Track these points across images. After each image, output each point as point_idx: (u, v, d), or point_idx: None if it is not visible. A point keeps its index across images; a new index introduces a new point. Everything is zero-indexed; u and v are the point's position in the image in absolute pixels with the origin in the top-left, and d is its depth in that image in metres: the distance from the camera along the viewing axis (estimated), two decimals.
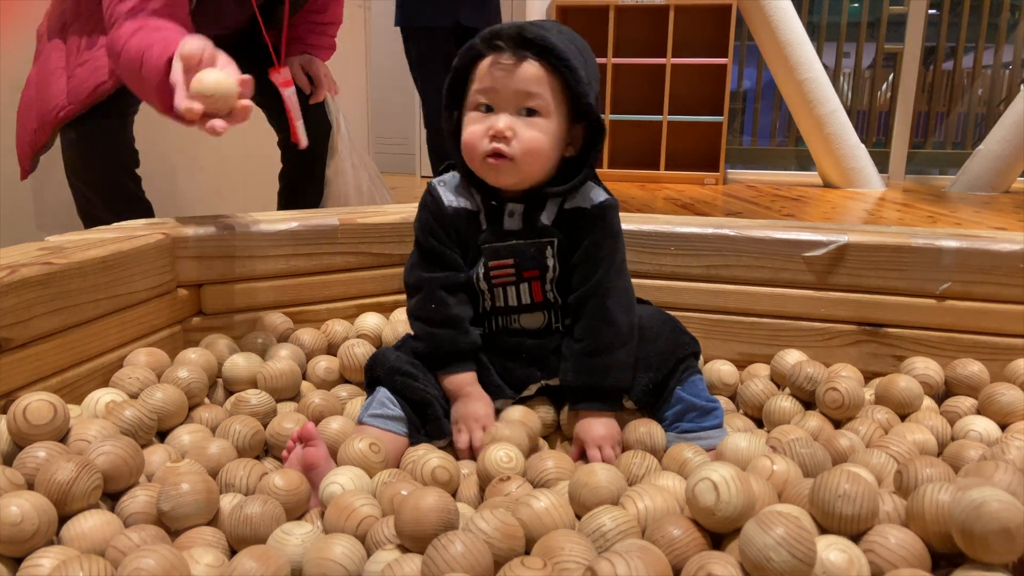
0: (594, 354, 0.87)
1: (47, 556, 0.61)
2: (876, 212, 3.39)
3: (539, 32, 0.82)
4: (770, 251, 1.10)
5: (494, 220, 0.90)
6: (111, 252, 0.95)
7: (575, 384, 0.88)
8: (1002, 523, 0.55)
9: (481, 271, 0.90)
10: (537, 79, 0.83)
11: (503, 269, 0.90)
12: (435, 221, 0.91)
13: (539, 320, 0.93)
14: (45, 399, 0.75)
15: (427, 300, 0.91)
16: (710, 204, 3.63)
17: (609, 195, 0.90)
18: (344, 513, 0.69)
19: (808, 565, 0.55)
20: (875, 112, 5.39)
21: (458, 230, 0.91)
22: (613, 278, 0.89)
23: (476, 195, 0.91)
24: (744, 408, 1.03)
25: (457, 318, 0.90)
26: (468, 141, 0.85)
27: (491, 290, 0.91)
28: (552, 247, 0.89)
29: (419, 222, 0.93)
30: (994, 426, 0.90)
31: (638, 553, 0.57)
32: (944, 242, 1.04)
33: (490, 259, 0.90)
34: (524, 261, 0.89)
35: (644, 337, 0.90)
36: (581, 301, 0.89)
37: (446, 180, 0.93)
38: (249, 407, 0.93)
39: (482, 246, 0.90)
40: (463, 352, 0.90)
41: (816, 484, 0.65)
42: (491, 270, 0.90)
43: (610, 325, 0.88)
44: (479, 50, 0.85)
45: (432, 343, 0.90)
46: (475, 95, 0.85)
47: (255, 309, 1.14)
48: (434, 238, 0.91)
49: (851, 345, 1.08)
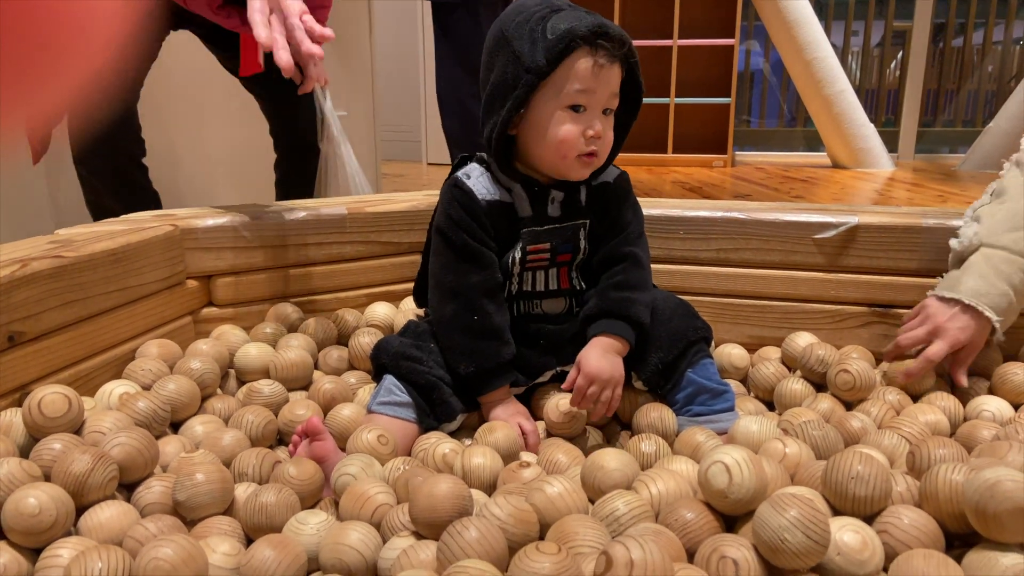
0: (622, 287, 0.89)
1: (65, 547, 0.62)
2: (886, 192, 3.37)
3: (620, 30, 0.84)
4: (780, 234, 1.09)
5: (538, 206, 0.90)
6: (121, 244, 0.95)
7: (596, 311, 0.88)
8: (1016, 503, 0.55)
9: (518, 255, 0.90)
10: (619, 81, 0.85)
11: (539, 254, 0.91)
12: (469, 216, 0.88)
13: (561, 305, 0.94)
14: (59, 392, 0.76)
15: (467, 309, 0.88)
16: (718, 187, 3.61)
17: (616, 167, 0.95)
18: (359, 501, 0.69)
19: (823, 546, 0.55)
20: (884, 91, 5.35)
21: (493, 223, 0.89)
22: (641, 235, 0.94)
23: (513, 184, 0.90)
24: (755, 391, 1.03)
25: (500, 328, 0.89)
26: (566, 140, 0.84)
27: (522, 274, 0.92)
28: (585, 228, 0.92)
29: (449, 219, 0.89)
30: (1007, 406, 0.90)
31: (652, 537, 0.57)
32: (955, 222, 1.03)
33: (529, 243, 0.90)
34: (560, 245, 0.91)
35: (657, 318, 0.89)
36: (611, 252, 0.92)
37: (470, 173, 0.91)
38: (262, 398, 0.93)
39: (522, 231, 0.90)
40: (505, 365, 0.89)
41: (829, 466, 0.65)
42: (528, 254, 0.91)
43: (640, 268, 0.91)
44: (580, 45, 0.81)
45: (476, 359, 0.87)
46: (574, 95, 0.83)
47: (265, 300, 1.14)
48: (469, 235, 0.88)
49: (862, 327, 1.08)
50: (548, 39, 0.82)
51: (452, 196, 0.90)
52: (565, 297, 0.94)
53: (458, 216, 0.89)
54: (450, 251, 0.89)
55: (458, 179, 0.91)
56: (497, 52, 0.85)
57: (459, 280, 0.89)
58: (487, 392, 0.89)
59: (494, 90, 0.85)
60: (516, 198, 0.90)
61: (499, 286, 0.90)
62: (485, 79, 0.88)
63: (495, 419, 0.88)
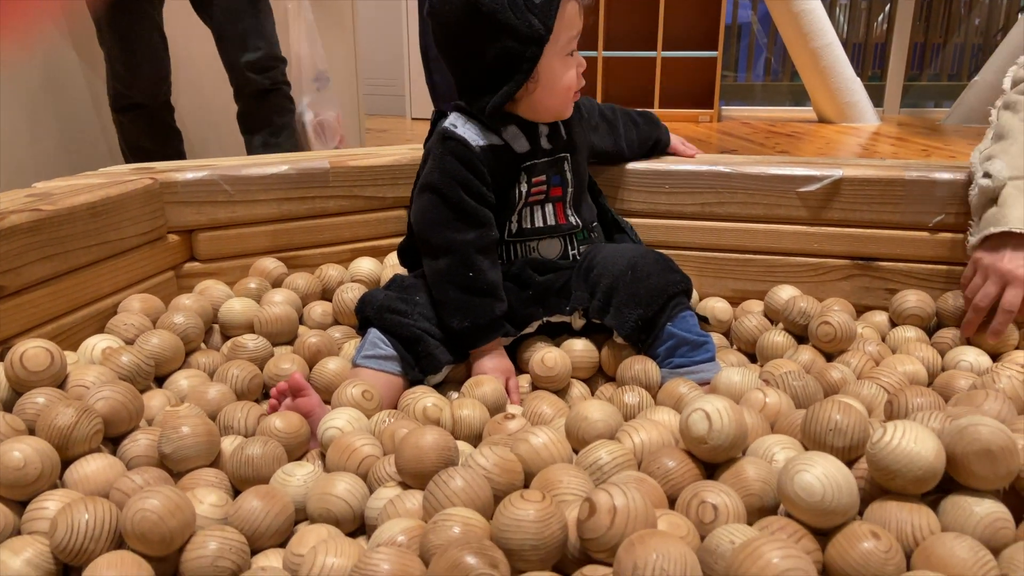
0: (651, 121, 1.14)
1: (51, 499, 0.62)
2: (870, 147, 3.37)
3: None
4: (764, 187, 1.09)
5: (533, 141, 0.93)
6: (99, 198, 0.94)
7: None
8: (984, 444, 0.56)
9: (524, 188, 0.93)
10: None
11: (538, 186, 0.94)
12: (464, 167, 0.89)
13: (556, 248, 0.96)
14: (42, 346, 0.76)
15: (462, 266, 0.89)
16: (705, 142, 3.59)
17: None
18: (345, 453, 0.70)
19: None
20: (871, 44, 5.31)
21: (490, 168, 0.91)
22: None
23: (506, 127, 0.92)
24: (738, 344, 1.04)
25: (494, 284, 0.90)
26: (570, 85, 0.91)
27: (522, 211, 0.94)
28: (568, 162, 0.96)
29: (443, 174, 0.89)
30: (985, 356, 0.91)
31: (634, 484, 0.58)
32: (938, 174, 1.03)
33: (531, 176, 0.93)
34: (552, 177, 0.95)
35: (636, 275, 0.90)
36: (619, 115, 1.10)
37: (456, 124, 0.92)
38: (247, 352, 0.93)
39: (522, 165, 0.93)
40: (498, 320, 0.90)
41: (808, 416, 0.66)
42: (532, 186, 0.93)
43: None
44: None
45: (471, 315, 0.88)
46: (569, 42, 0.89)
47: (248, 255, 1.13)
48: (465, 190, 0.89)
49: (844, 280, 1.09)
50: (535, 2, 0.84)
51: (445, 149, 0.90)
52: (560, 239, 0.97)
53: (453, 169, 0.89)
54: (445, 208, 0.89)
55: (447, 130, 0.91)
56: (480, 31, 0.85)
57: (454, 237, 0.89)
58: (479, 346, 0.90)
59: (492, 69, 0.87)
60: (510, 138, 0.92)
61: (493, 243, 0.91)
62: (472, 61, 0.88)
63: (482, 372, 0.89)
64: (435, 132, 0.94)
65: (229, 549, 0.58)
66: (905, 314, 1.01)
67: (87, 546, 0.57)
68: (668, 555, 0.47)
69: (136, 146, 1.73)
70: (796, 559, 0.47)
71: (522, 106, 0.92)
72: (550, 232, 0.96)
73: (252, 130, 1.80)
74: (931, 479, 0.56)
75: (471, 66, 0.89)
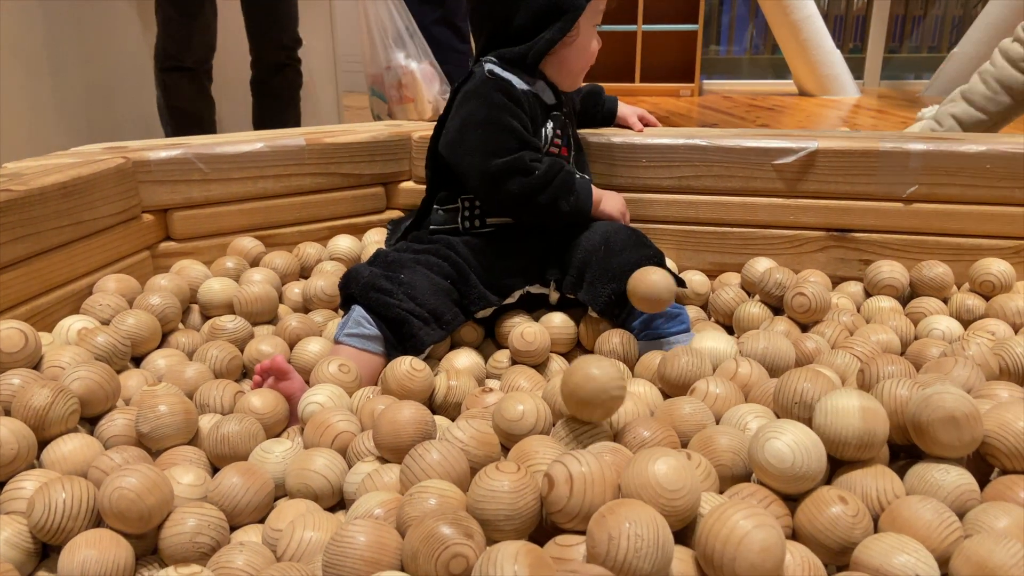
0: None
1: (29, 479, 0.62)
2: (850, 119, 3.38)
3: None
4: (741, 160, 1.09)
5: (557, 95, 0.99)
6: (71, 178, 0.93)
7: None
8: (948, 411, 0.57)
9: (550, 133, 0.97)
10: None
11: (558, 138, 0.99)
12: (512, 102, 0.92)
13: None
14: (15, 327, 0.75)
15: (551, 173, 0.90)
16: (686, 116, 3.59)
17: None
18: (320, 429, 0.70)
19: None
20: (852, 17, 5.30)
21: (526, 110, 0.93)
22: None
23: (535, 80, 0.97)
24: (715, 316, 1.05)
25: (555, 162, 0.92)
26: (594, 51, 0.98)
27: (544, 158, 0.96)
28: (571, 127, 1.03)
29: (491, 106, 0.91)
30: (957, 324, 0.92)
31: (609, 454, 0.59)
32: (911, 145, 1.04)
33: (556, 126, 0.98)
34: (565, 136, 1.00)
35: (608, 250, 0.90)
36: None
37: (496, 69, 0.94)
38: (227, 333, 0.93)
39: (552, 113, 0.98)
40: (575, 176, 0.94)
41: (778, 386, 0.67)
42: (555, 136, 0.98)
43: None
44: None
45: (565, 192, 0.91)
46: (599, 13, 0.97)
47: (224, 234, 1.12)
48: (513, 117, 0.91)
49: (819, 251, 1.10)
50: None
51: (492, 86, 0.93)
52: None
53: (499, 101, 0.92)
54: (498, 136, 0.90)
55: (491, 72, 0.94)
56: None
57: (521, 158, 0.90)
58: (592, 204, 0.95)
59: (538, 17, 0.92)
60: (540, 90, 0.97)
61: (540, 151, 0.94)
62: (517, 8, 0.92)
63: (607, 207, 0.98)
64: (473, 77, 0.95)
65: (208, 525, 0.58)
66: (880, 284, 1.02)
67: (65, 525, 0.57)
68: (640, 521, 0.48)
69: (176, 107, 1.86)
70: (765, 523, 0.48)
71: (548, 64, 0.97)
72: None
73: (264, 95, 2.02)
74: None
75: (515, 14, 0.93)
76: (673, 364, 0.78)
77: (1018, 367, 0.78)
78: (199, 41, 1.83)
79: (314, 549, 0.55)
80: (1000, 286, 0.97)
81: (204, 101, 1.91)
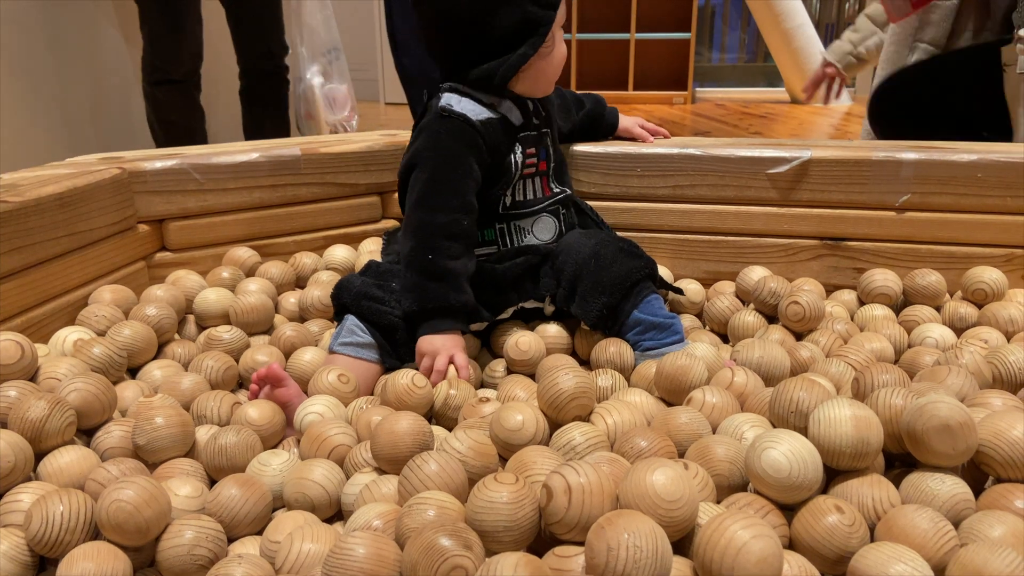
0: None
1: (26, 491, 0.62)
2: (842, 127, 3.40)
3: None
4: (735, 169, 1.10)
5: (525, 114, 0.96)
6: (67, 188, 0.93)
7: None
8: (942, 420, 0.58)
9: (519, 158, 0.94)
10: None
11: (530, 158, 0.96)
12: (462, 143, 0.89)
13: (551, 229, 0.98)
14: (11, 339, 0.75)
15: (425, 248, 0.86)
16: (679, 124, 3.61)
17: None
18: (316, 442, 0.70)
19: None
20: (843, 25, 5.33)
21: (489, 141, 0.91)
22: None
23: (502, 101, 0.93)
24: (710, 325, 1.06)
25: (453, 272, 0.86)
26: (563, 55, 0.95)
27: (515, 184, 0.95)
28: (548, 138, 0.99)
29: (434, 151, 0.89)
30: (950, 332, 0.93)
31: (607, 464, 0.59)
32: (904, 154, 1.05)
33: (526, 147, 0.95)
34: (540, 150, 0.97)
35: (599, 263, 0.90)
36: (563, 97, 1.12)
37: (451, 102, 0.91)
38: (222, 344, 0.93)
39: (519, 135, 0.95)
40: (450, 309, 0.86)
41: (774, 395, 0.67)
42: (527, 158, 0.95)
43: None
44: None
45: (420, 298, 0.85)
46: (563, 15, 0.92)
47: (220, 244, 1.12)
48: (454, 167, 0.88)
49: (814, 259, 1.10)
50: None
51: (441, 128, 0.90)
52: (554, 218, 0.98)
53: (446, 146, 0.89)
54: (427, 185, 0.88)
55: (444, 109, 0.91)
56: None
57: (424, 217, 0.87)
58: (426, 333, 0.86)
59: (504, 36, 0.88)
60: (506, 111, 0.94)
61: (465, 232, 0.88)
62: (480, 29, 0.87)
63: (418, 350, 0.86)
64: (428, 111, 0.93)
65: (205, 537, 0.58)
66: (873, 293, 1.03)
67: (63, 538, 0.57)
68: (639, 532, 0.48)
69: (167, 120, 1.87)
70: (763, 533, 0.48)
71: (521, 78, 0.93)
72: (540, 208, 0.96)
73: (253, 103, 2.04)
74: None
75: (478, 35, 0.88)
76: (671, 361, 0.79)
77: (1011, 375, 0.79)
78: (186, 52, 1.83)
79: (313, 561, 0.55)
80: (992, 294, 0.98)
81: (194, 112, 1.92)
